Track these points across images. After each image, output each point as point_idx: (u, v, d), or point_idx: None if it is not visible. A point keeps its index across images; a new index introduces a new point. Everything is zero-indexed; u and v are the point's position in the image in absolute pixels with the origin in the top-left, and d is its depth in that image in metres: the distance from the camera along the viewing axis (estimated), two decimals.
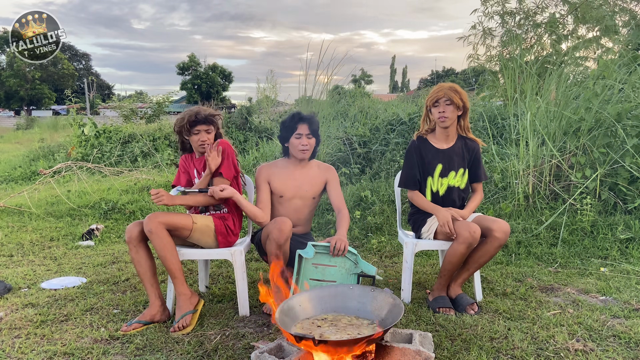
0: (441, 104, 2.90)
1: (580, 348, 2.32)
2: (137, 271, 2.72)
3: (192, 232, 2.76)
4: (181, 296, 2.69)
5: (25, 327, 2.66)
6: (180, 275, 2.69)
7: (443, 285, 2.90)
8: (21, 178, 8.71)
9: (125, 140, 10.13)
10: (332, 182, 3.11)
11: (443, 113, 2.89)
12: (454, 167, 3.01)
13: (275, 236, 2.67)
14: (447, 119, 2.90)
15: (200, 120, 2.87)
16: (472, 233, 2.69)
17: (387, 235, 4.56)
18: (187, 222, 2.73)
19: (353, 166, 6.17)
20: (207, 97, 44.07)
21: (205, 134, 2.90)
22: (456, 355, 2.27)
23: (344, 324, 2.14)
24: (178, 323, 2.59)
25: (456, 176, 3.02)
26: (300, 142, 2.95)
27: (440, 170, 3.00)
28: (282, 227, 2.67)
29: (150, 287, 2.71)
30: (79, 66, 55.62)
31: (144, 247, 2.71)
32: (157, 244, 2.61)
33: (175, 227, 2.68)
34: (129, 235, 2.67)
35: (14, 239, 4.68)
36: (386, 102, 10.58)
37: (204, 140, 2.90)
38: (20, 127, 24.32)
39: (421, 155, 3.02)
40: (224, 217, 2.93)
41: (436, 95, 2.91)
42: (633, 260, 3.61)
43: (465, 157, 3.03)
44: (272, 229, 2.69)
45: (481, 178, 3.08)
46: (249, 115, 10.35)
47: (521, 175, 4.65)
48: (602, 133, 4.47)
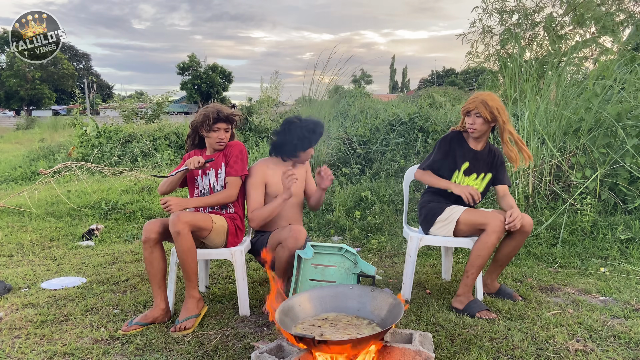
0: (472, 115, 2.94)
1: (580, 348, 2.32)
2: (148, 271, 2.69)
3: (210, 232, 2.77)
4: (191, 299, 2.70)
5: (25, 327, 2.66)
6: (196, 279, 2.72)
7: (470, 287, 2.83)
8: (21, 178, 8.71)
9: (125, 140, 10.13)
10: (309, 171, 3.21)
11: (472, 125, 2.95)
12: (478, 170, 3.05)
13: (290, 245, 2.67)
14: (476, 130, 2.95)
15: (222, 119, 2.90)
16: (502, 222, 2.72)
17: (387, 235, 4.56)
18: (208, 222, 2.74)
19: (353, 166, 6.17)
20: (207, 97, 44.07)
21: (224, 132, 2.93)
22: (456, 355, 2.27)
23: (344, 324, 2.14)
24: (181, 324, 2.60)
25: (477, 179, 3.06)
26: (310, 154, 3.06)
27: (465, 168, 3.03)
28: (299, 237, 2.67)
29: (158, 289, 2.70)
30: (79, 66, 55.64)
31: (160, 248, 2.69)
32: (183, 246, 2.59)
33: (199, 227, 2.68)
34: (148, 235, 2.63)
35: (14, 239, 4.68)
36: (386, 102, 10.59)
37: (222, 138, 2.93)
38: (20, 127, 24.32)
39: (454, 148, 3.06)
40: (233, 217, 2.95)
41: (468, 106, 2.96)
42: (633, 260, 3.61)
43: (489, 163, 3.07)
44: (288, 237, 2.68)
45: (504, 182, 3.10)
46: (249, 115, 10.35)
47: (521, 175, 4.65)
48: (602, 133, 4.47)
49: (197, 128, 2.99)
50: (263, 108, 10.39)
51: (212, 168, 2.96)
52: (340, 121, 7.61)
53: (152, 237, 2.63)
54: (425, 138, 6.18)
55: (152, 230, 2.63)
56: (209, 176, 2.97)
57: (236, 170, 2.90)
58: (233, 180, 2.90)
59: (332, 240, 4.54)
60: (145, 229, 2.65)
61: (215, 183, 2.96)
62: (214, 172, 2.96)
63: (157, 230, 2.64)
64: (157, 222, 2.68)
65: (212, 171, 2.96)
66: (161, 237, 2.67)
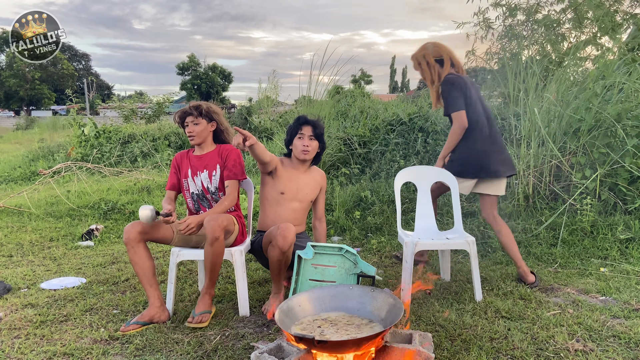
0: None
1: (580, 348, 2.32)
2: (136, 272, 2.73)
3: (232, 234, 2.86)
4: (207, 295, 2.77)
5: (24, 327, 2.66)
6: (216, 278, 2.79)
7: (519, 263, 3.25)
8: (21, 178, 8.70)
9: (125, 140, 10.13)
10: (323, 190, 3.23)
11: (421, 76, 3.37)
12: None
13: (280, 243, 2.68)
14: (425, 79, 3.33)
15: (187, 112, 2.95)
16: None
17: (387, 235, 4.56)
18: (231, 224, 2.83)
19: (353, 166, 6.17)
20: (207, 97, 44.05)
21: (193, 125, 2.94)
22: (456, 356, 2.27)
23: (344, 324, 2.14)
24: (198, 317, 2.65)
25: None
26: (302, 143, 3.01)
27: None
28: (286, 234, 2.68)
29: (150, 287, 2.72)
30: (79, 66, 55.58)
31: (143, 247, 2.72)
32: (218, 249, 2.65)
33: (228, 230, 2.77)
34: (128, 235, 2.66)
35: (13, 239, 4.67)
36: (386, 102, 10.57)
37: (191, 131, 2.94)
38: (20, 127, 24.32)
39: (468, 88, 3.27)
40: (239, 214, 3.02)
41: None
42: (633, 260, 3.61)
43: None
44: (276, 236, 2.70)
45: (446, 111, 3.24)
46: (249, 115, 10.36)
47: (521, 175, 4.65)
48: (602, 133, 4.47)
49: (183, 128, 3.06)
50: (262, 108, 10.39)
51: (206, 169, 2.96)
52: (340, 121, 7.60)
53: (132, 237, 2.65)
54: (425, 138, 6.17)
55: (131, 230, 2.66)
56: (201, 177, 2.96)
57: (236, 174, 2.93)
58: (233, 184, 2.93)
59: (331, 240, 4.54)
60: (125, 230, 2.68)
61: (209, 184, 2.95)
62: (207, 173, 2.95)
63: (137, 230, 2.67)
64: (136, 223, 2.70)
65: (205, 172, 2.95)
66: (142, 237, 2.69)
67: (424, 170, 3.43)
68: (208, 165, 2.96)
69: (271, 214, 3.07)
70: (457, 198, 3.31)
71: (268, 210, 3.09)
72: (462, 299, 3.00)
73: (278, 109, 11.61)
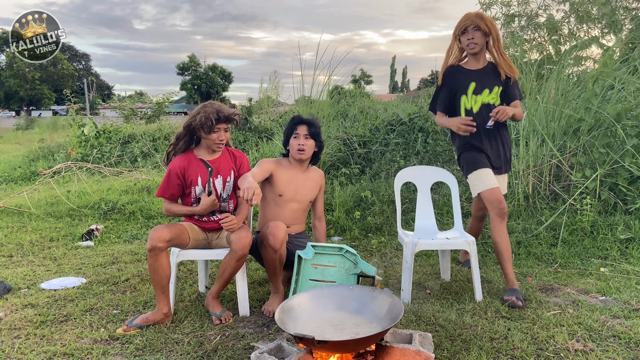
0: (469, 31, 2.98)
1: (580, 348, 2.32)
2: (152, 277, 2.64)
3: None
4: (217, 299, 2.86)
5: (24, 327, 2.66)
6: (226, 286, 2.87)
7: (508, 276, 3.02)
8: (21, 178, 8.70)
9: (125, 140, 10.13)
10: (322, 190, 3.23)
11: (472, 39, 2.98)
12: (489, 85, 3.06)
13: (270, 242, 2.69)
14: (477, 45, 2.99)
15: (223, 119, 2.76)
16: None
17: (387, 235, 4.56)
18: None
19: (353, 166, 6.17)
20: (207, 97, 44.05)
21: (224, 132, 2.82)
22: (456, 356, 2.27)
23: (344, 324, 2.14)
24: (222, 315, 2.74)
25: (491, 93, 3.07)
26: (297, 142, 3.02)
27: (473, 88, 3.06)
28: (276, 233, 2.69)
29: (162, 294, 2.68)
30: (79, 66, 55.58)
31: (165, 255, 2.65)
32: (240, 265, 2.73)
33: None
34: (154, 244, 2.55)
35: (13, 240, 4.67)
36: (386, 102, 10.58)
37: (222, 140, 2.81)
38: (20, 128, 24.31)
39: (454, 78, 3.09)
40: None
41: (464, 23, 3.00)
42: (633, 260, 3.61)
43: (499, 76, 3.08)
44: (267, 235, 2.71)
45: (516, 97, 3.10)
46: (249, 116, 10.34)
47: (521, 175, 4.65)
48: (602, 133, 4.47)
49: (193, 130, 2.82)
50: (263, 108, 10.38)
51: (220, 175, 2.88)
52: (340, 121, 7.60)
53: (159, 246, 2.57)
54: (425, 138, 6.18)
55: (159, 239, 2.56)
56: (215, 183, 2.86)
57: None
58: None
59: (332, 240, 4.54)
60: (151, 237, 2.56)
61: (222, 191, 2.88)
62: (221, 179, 2.87)
63: (165, 239, 2.58)
64: (164, 230, 2.61)
65: (219, 178, 2.87)
66: (167, 244, 2.63)
67: (424, 170, 3.43)
68: (221, 171, 2.88)
69: (270, 215, 3.07)
70: (457, 198, 3.31)
71: (267, 211, 3.10)
72: (462, 299, 3.00)
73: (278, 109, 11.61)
